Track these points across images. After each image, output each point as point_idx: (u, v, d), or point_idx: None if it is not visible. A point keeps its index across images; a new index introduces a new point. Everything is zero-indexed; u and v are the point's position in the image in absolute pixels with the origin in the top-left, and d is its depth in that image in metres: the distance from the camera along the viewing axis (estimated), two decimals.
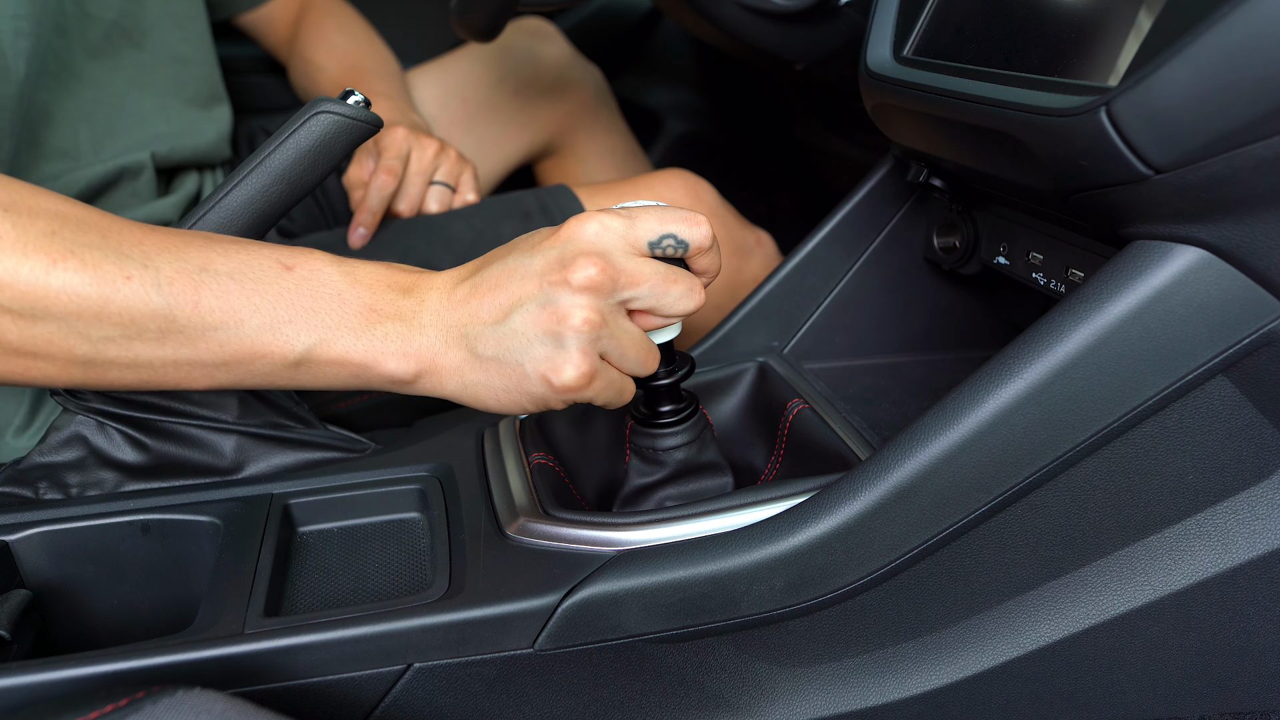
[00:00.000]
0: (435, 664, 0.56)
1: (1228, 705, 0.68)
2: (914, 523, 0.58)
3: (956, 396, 0.57)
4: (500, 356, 0.56)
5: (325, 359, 0.56)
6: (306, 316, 0.56)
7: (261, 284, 0.55)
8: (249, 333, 0.55)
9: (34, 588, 0.63)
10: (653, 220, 0.57)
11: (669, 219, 0.58)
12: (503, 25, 0.99)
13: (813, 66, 1.04)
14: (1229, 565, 0.63)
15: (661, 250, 0.57)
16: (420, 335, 0.57)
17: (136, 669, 0.52)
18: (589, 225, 0.56)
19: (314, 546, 0.65)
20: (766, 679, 0.63)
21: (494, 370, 0.57)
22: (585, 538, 0.60)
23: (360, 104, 0.66)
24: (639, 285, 0.56)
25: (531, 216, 1.01)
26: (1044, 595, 0.64)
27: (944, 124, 0.66)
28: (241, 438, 0.68)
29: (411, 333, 0.57)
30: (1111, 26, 0.54)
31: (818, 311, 0.84)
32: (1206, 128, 0.48)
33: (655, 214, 0.58)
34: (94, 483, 0.67)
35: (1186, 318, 0.54)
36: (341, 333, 0.56)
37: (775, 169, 1.67)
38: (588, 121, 1.41)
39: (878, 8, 0.75)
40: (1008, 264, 0.74)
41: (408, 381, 0.57)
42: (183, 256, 0.54)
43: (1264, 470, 0.61)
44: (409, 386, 0.58)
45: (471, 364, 0.57)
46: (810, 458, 0.71)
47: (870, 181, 0.83)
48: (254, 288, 0.55)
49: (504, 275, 0.56)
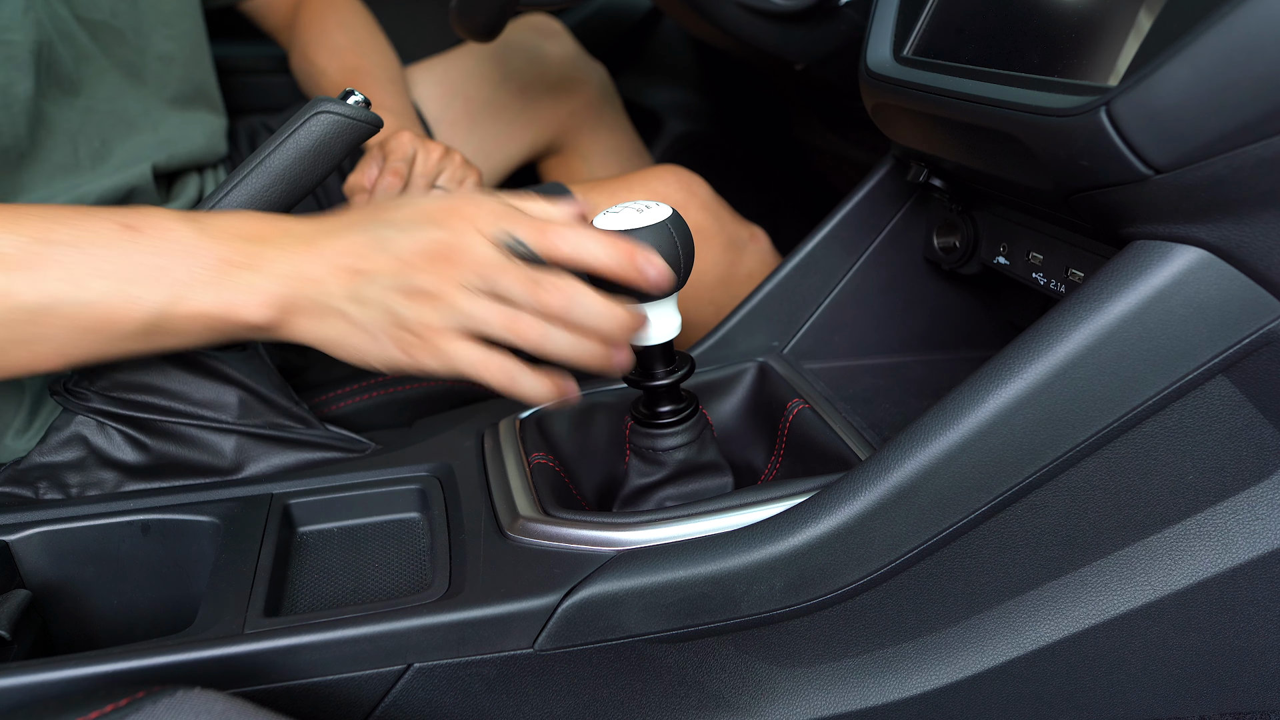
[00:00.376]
0: (435, 664, 0.56)
1: (1228, 705, 0.68)
2: (914, 523, 0.58)
3: (956, 396, 0.57)
4: (355, 318, 0.56)
5: (180, 315, 0.56)
6: (155, 275, 0.55)
7: (105, 248, 0.54)
8: (96, 299, 0.54)
9: (34, 588, 0.63)
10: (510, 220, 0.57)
11: (518, 222, 0.57)
12: (503, 25, 0.99)
13: (813, 66, 1.04)
14: (1229, 565, 0.63)
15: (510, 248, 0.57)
16: (276, 284, 0.57)
17: (136, 669, 0.52)
18: (463, 208, 0.57)
19: (314, 546, 0.65)
20: (766, 679, 0.63)
21: (348, 328, 0.57)
22: (585, 538, 0.60)
23: (360, 104, 0.66)
24: (500, 279, 0.56)
25: None
26: (1044, 595, 0.64)
27: (944, 124, 0.66)
28: (241, 438, 0.68)
29: (266, 281, 0.57)
30: (1111, 26, 0.54)
31: (818, 311, 0.83)
32: (1206, 128, 0.48)
33: (517, 215, 0.58)
34: (94, 483, 0.67)
35: (1186, 318, 0.54)
36: (193, 287, 0.55)
37: (775, 169, 1.67)
38: (592, 120, 1.41)
39: (878, 8, 0.75)
40: (1008, 264, 0.74)
41: (267, 328, 0.57)
42: (19, 232, 0.54)
43: (1264, 470, 0.61)
44: (269, 333, 0.58)
45: (328, 316, 0.57)
46: (810, 458, 0.71)
47: (870, 181, 0.83)
48: (98, 253, 0.54)
49: (368, 245, 0.57)
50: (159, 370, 0.66)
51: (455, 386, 0.88)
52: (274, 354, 0.88)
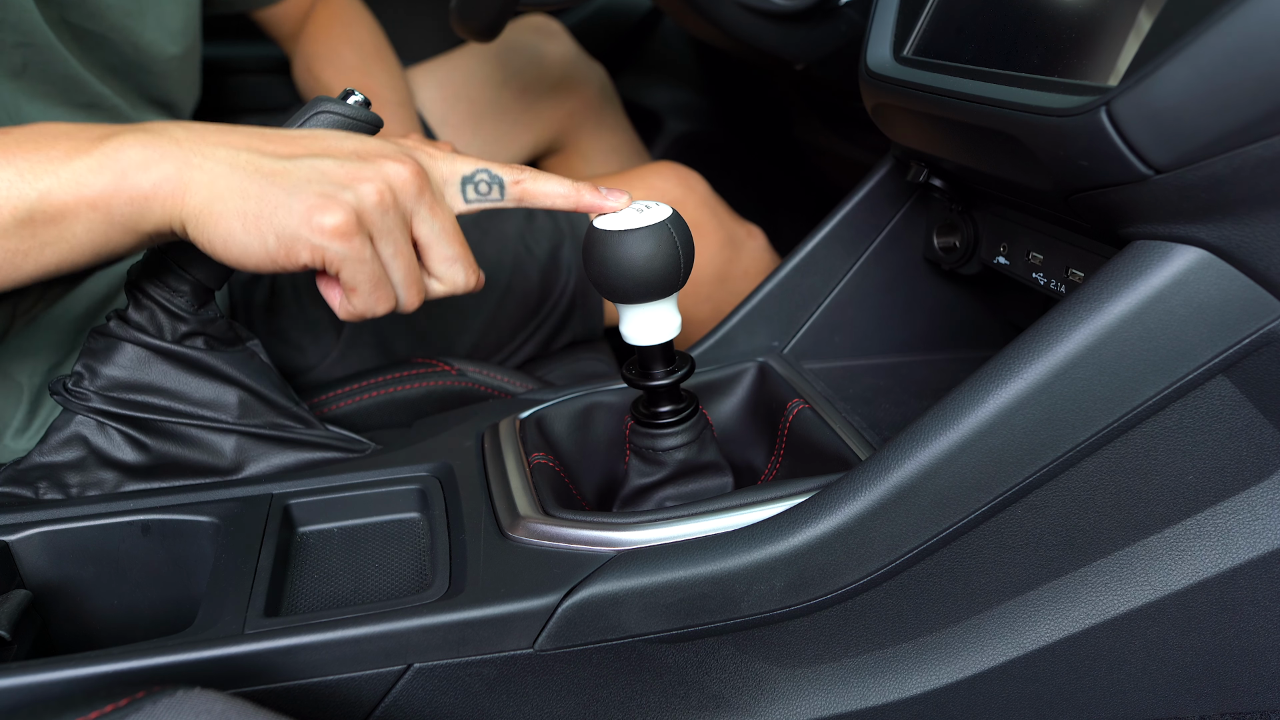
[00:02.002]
0: (435, 664, 0.56)
1: (1228, 705, 0.68)
2: (914, 523, 0.58)
3: (956, 396, 0.57)
4: (271, 179, 0.54)
5: (61, 201, 0.52)
6: (29, 163, 0.52)
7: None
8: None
9: (34, 588, 0.63)
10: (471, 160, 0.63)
11: (490, 164, 0.63)
12: (502, 26, 0.99)
13: (813, 66, 1.04)
14: (1229, 565, 0.63)
15: (474, 185, 0.62)
16: (170, 144, 0.54)
17: (136, 669, 0.52)
18: (416, 153, 0.60)
19: (314, 546, 0.65)
20: (766, 679, 0.63)
21: (253, 192, 0.54)
22: (585, 538, 0.60)
23: (360, 103, 0.66)
24: (434, 218, 0.60)
25: (534, 215, 1.02)
26: (1044, 595, 0.64)
27: (944, 124, 0.66)
28: (241, 438, 0.68)
29: (158, 140, 0.54)
30: (1111, 26, 0.54)
31: (818, 311, 0.84)
32: (1206, 128, 0.48)
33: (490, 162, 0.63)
34: (94, 483, 0.67)
35: (1186, 318, 0.54)
36: (74, 165, 0.53)
37: (775, 169, 1.67)
38: (592, 120, 1.41)
39: (878, 8, 0.75)
40: (1008, 264, 0.74)
41: (146, 195, 0.53)
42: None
43: (1264, 470, 0.61)
44: (145, 206, 0.54)
45: (230, 180, 0.54)
46: (810, 458, 0.71)
47: (870, 181, 0.83)
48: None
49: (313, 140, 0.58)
50: (159, 370, 0.66)
51: (455, 386, 0.89)
52: (274, 354, 0.88)
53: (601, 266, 0.60)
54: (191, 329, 0.66)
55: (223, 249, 0.55)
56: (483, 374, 0.89)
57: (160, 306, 0.65)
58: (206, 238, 0.55)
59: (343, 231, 0.55)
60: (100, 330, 0.66)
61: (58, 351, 0.78)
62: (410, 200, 0.58)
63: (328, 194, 0.55)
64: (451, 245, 0.61)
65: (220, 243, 0.54)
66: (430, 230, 0.60)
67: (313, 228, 0.54)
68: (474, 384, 0.89)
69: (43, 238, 0.53)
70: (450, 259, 0.61)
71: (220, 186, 0.54)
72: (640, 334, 0.63)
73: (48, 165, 0.52)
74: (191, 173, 0.54)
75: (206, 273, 0.65)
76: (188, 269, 0.65)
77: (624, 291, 0.60)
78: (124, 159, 0.53)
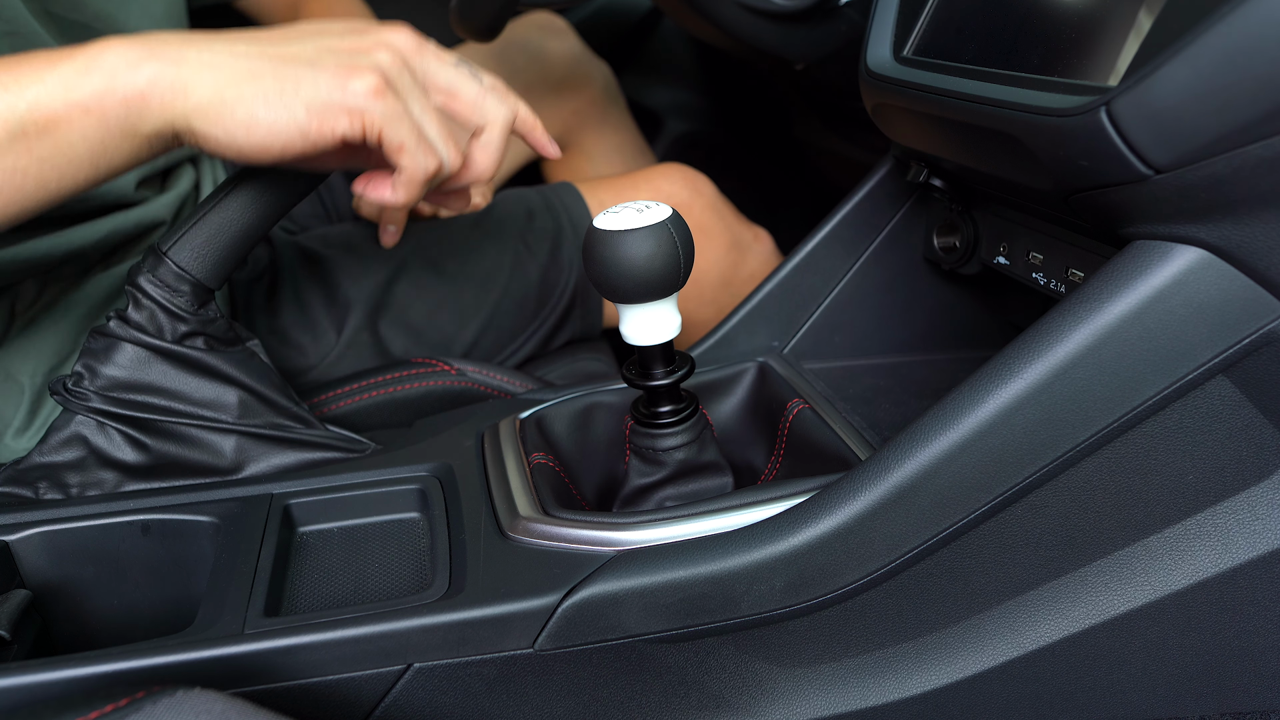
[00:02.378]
0: (435, 664, 0.56)
1: (1228, 705, 0.68)
2: (914, 523, 0.58)
3: (956, 396, 0.57)
4: (283, 60, 0.55)
5: (51, 109, 0.52)
6: (13, 76, 0.52)
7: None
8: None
9: (34, 588, 0.63)
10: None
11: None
12: (503, 25, 0.99)
13: (813, 66, 1.04)
14: (1229, 565, 0.63)
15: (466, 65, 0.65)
16: (157, 44, 0.54)
17: (136, 669, 0.52)
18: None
19: (314, 546, 0.65)
20: (766, 679, 0.63)
21: (268, 71, 0.54)
22: (585, 538, 0.60)
23: None
24: (445, 64, 0.62)
25: (535, 214, 1.02)
26: (1044, 595, 0.64)
27: (944, 124, 0.66)
28: (241, 438, 0.68)
29: (143, 41, 0.54)
30: (1111, 26, 0.54)
31: (818, 311, 0.84)
32: (1206, 128, 0.48)
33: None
34: (94, 483, 0.67)
35: (1186, 318, 0.54)
36: (59, 71, 0.52)
37: (775, 169, 1.67)
38: (596, 119, 1.41)
39: (878, 8, 0.75)
40: (1008, 264, 0.74)
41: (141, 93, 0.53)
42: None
43: (1264, 470, 0.61)
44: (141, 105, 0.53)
45: (237, 67, 0.54)
46: (810, 458, 0.71)
47: (870, 181, 0.83)
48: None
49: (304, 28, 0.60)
50: (159, 370, 0.66)
51: (455, 386, 0.89)
52: (274, 354, 0.88)
53: (601, 266, 0.60)
54: (191, 329, 0.66)
55: (244, 134, 0.54)
56: (482, 374, 0.89)
57: (160, 306, 0.65)
58: (223, 128, 0.54)
59: (379, 90, 0.56)
60: (100, 330, 0.66)
61: (58, 351, 0.78)
62: (416, 57, 0.60)
63: (350, 63, 0.56)
64: (475, 78, 0.63)
65: (242, 128, 0.54)
66: (449, 75, 0.62)
67: (348, 93, 0.55)
68: (474, 384, 0.89)
69: (38, 152, 0.52)
70: (482, 93, 0.63)
71: (227, 75, 0.53)
72: (640, 334, 0.63)
73: (33, 75, 0.52)
74: (186, 70, 0.53)
75: (207, 272, 0.65)
76: (188, 269, 0.65)
77: (624, 291, 0.60)
78: (109, 60, 0.53)
